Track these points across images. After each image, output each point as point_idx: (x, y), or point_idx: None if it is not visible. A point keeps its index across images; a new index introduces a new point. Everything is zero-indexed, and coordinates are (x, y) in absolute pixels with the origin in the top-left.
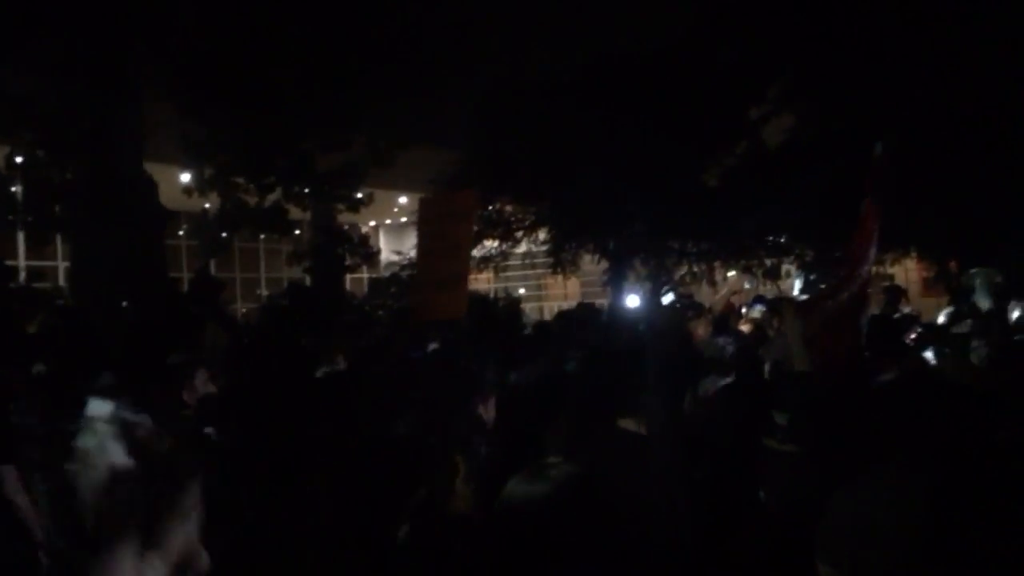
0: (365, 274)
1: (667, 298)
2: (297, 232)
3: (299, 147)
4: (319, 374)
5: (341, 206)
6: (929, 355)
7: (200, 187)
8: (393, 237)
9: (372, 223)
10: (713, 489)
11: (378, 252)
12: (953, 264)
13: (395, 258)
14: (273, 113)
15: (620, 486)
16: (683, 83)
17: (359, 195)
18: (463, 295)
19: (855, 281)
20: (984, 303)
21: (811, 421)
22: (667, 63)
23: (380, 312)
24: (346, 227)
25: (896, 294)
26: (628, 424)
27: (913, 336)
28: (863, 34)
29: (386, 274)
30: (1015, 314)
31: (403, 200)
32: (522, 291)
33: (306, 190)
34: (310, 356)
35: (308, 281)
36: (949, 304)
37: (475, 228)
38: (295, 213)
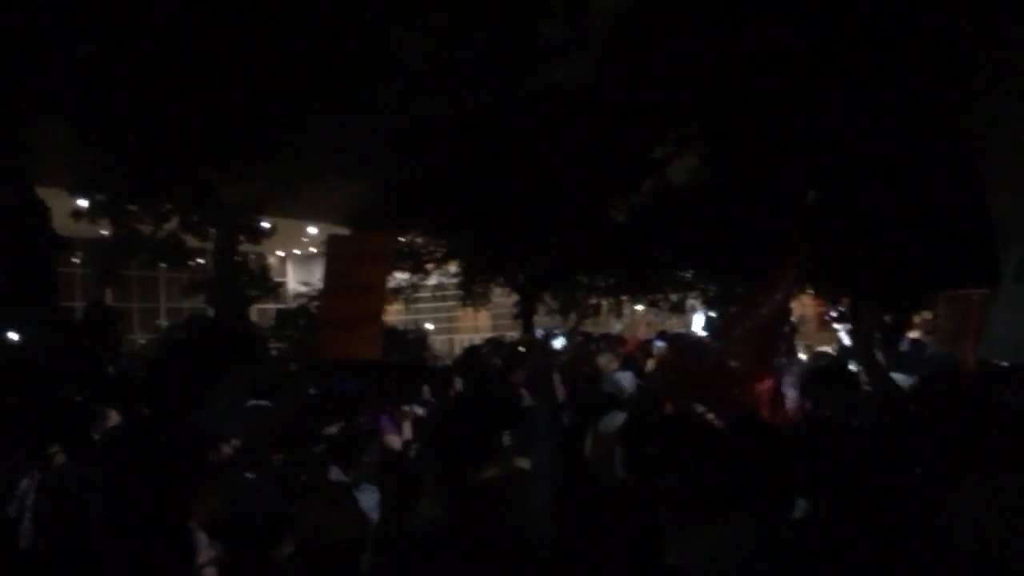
0: (272, 305)
1: (558, 341)
2: (201, 261)
3: (198, 175)
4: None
5: (243, 236)
6: None
7: (92, 214)
8: (301, 268)
9: (280, 253)
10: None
11: (281, 284)
12: (846, 301)
13: (303, 289)
14: (170, 140)
15: (484, 531)
16: (590, 121)
17: (264, 225)
18: (376, 335)
19: (767, 310)
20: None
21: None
22: (575, 102)
23: (284, 345)
24: (253, 257)
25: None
26: (522, 463)
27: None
28: (761, 81)
29: (293, 305)
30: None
31: (312, 231)
32: (429, 325)
33: (206, 219)
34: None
35: (211, 312)
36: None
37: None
38: (199, 242)
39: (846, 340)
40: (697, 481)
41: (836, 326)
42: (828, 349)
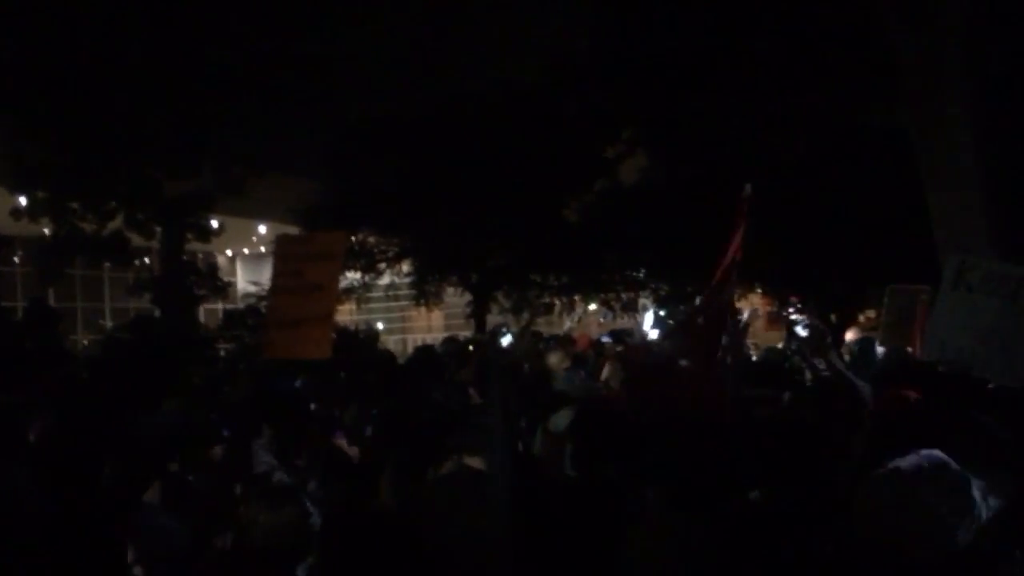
0: (221, 305)
1: (506, 339)
2: (147, 260)
3: (142, 172)
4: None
5: (190, 235)
6: None
7: (32, 212)
8: (251, 267)
9: (229, 252)
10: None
11: (230, 284)
12: (794, 299)
13: (252, 289)
14: (112, 136)
15: (438, 528)
16: (542, 121)
17: (212, 223)
18: (327, 335)
19: (712, 307)
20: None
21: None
22: (526, 102)
23: (232, 345)
24: (201, 256)
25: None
26: (471, 461)
27: None
28: (703, 84)
29: (242, 305)
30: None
31: (262, 229)
32: (380, 325)
33: (151, 217)
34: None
35: (157, 313)
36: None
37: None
38: (145, 241)
39: (803, 333)
40: (644, 477)
41: (796, 317)
42: (780, 346)
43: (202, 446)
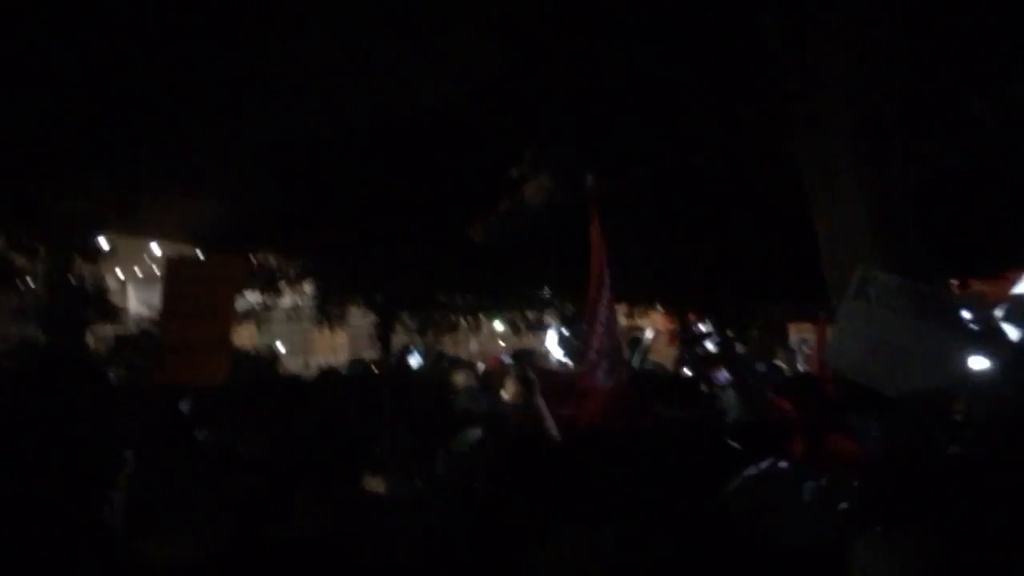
0: (112, 330)
1: (414, 359)
2: (30, 283)
3: (23, 189)
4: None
5: (77, 256)
6: None
7: None
8: (145, 289)
9: (120, 274)
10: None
11: (120, 307)
12: (692, 315)
13: (144, 312)
14: None
15: (352, 547)
16: (445, 141)
17: (101, 244)
18: (222, 360)
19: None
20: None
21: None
22: (429, 122)
23: (123, 372)
24: (90, 278)
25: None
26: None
27: None
28: (603, 107)
29: (134, 329)
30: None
31: (156, 250)
32: (281, 347)
33: (34, 237)
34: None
35: (43, 338)
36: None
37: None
38: (28, 262)
39: (712, 347)
40: (546, 493)
41: (705, 330)
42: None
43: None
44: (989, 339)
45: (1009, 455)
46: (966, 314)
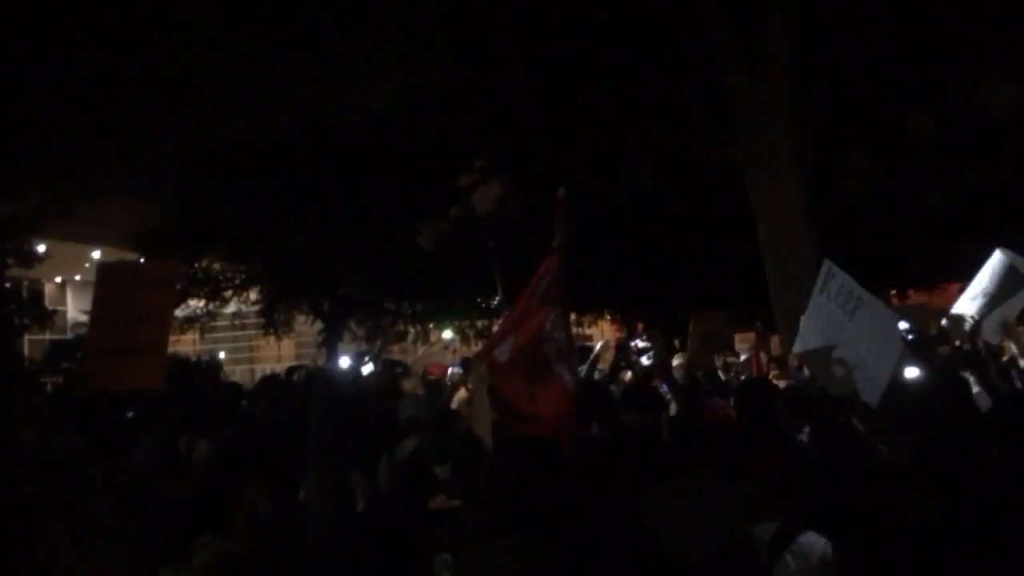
0: (48, 335)
1: (367, 368)
2: None
3: None
4: None
5: (11, 260)
6: None
7: None
8: (83, 295)
9: (58, 279)
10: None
11: (55, 311)
12: (640, 325)
13: (83, 318)
14: None
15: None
16: (393, 148)
17: (37, 248)
18: (159, 366)
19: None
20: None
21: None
22: (377, 129)
23: (58, 379)
24: (26, 283)
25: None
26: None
27: None
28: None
29: (70, 336)
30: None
31: (96, 255)
32: (222, 355)
33: None
34: None
35: None
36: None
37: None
38: None
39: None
40: (475, 502)
41: (643, 345)
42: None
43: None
44: (923, 350)
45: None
46: (903, 324)
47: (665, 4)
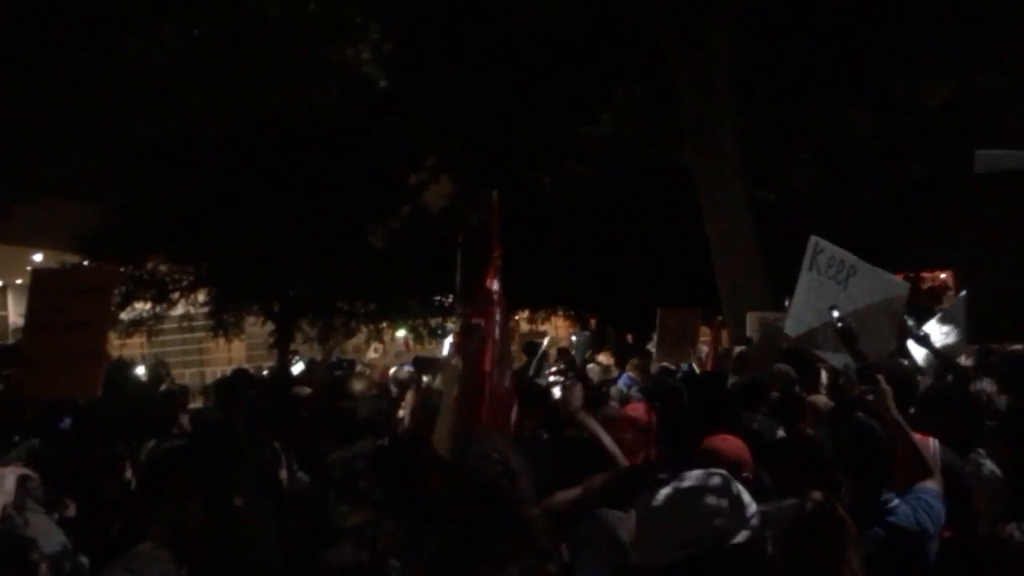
0: None
1: (297, 367)
2: None
3: None
4: None
5: None
6: None
7: None
8: (23, 299)
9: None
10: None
11: None
12: (593, 321)
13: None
14: None
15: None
16: (344, 147)
17: None
18: (95, 373)
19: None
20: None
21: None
22: (327, 127)
23: None
24: None
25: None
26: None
27: None
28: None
29: (11, 341)
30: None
31: (38, 258)
32: (168, 359)
33: None
34: None
35: None
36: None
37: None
38: None
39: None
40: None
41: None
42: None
43: None
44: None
45: None
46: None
47: (612, 4)
